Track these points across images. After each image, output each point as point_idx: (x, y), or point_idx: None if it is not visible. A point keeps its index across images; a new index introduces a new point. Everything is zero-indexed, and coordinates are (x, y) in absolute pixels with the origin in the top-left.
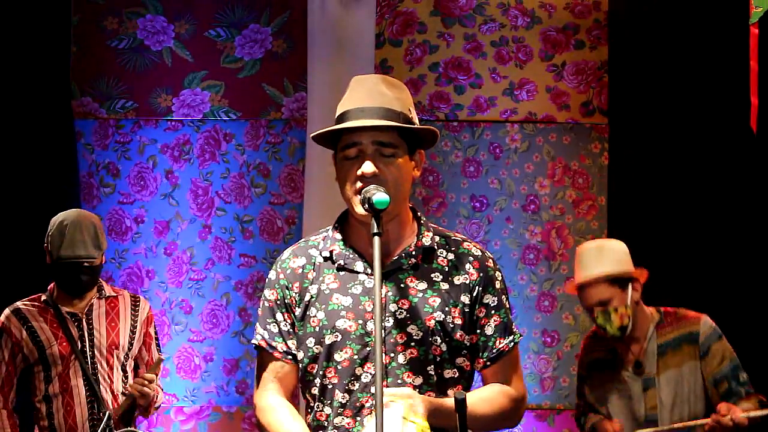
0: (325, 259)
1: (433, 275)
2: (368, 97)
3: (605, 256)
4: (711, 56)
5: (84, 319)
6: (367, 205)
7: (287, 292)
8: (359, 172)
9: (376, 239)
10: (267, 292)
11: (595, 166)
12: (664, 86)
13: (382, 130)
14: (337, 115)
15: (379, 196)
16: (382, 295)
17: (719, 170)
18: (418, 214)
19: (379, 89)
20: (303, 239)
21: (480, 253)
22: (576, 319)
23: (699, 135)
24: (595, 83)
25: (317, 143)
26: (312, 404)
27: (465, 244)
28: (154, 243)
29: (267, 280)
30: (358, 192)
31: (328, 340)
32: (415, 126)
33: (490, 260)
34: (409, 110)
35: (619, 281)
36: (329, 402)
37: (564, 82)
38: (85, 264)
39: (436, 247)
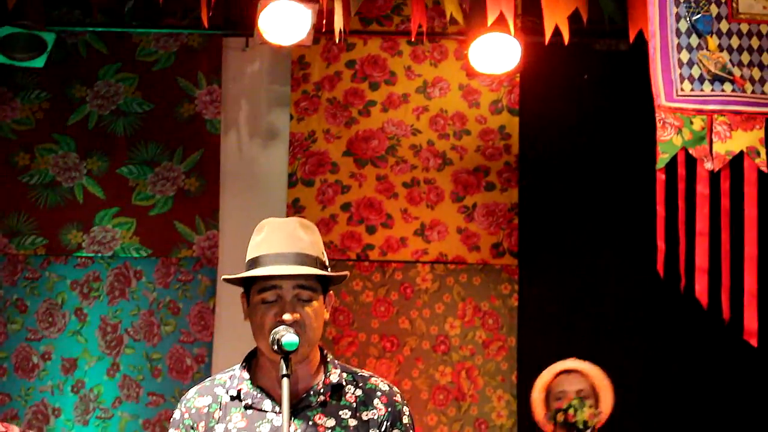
0: (232, 398)
1: (341, 412)
2: (286, 242)
3: None
4: (619, 200)
5: None
6: (276, 347)
7: None
8: (282, 319)
9: (285, 381)
10: None
11: (505, 308)
12: (573, 229)
13: (302, 277)
14: (251, 256)
15: (288, 338)
16: None
17: (629, 313)
18: (325, 352)
19: (297, 234)
20: (209, 378)
21: (387, 388)
22: None
23: (608, 278)
24: (505, 225)
25: (229, 283)
26: None
27: (372, 380)
28: (61, 380)
29: (171, 419)
30: None
31: None
32: (333, 273)
33: (398, 395)
34: (323, 253)
35: (592, 388)
36: None
37: (475, 223)
38: None
39: (344, 383)
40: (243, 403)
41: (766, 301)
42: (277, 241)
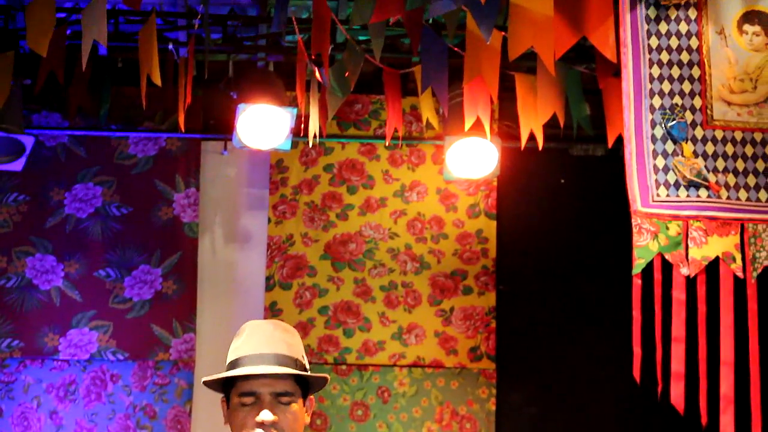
0: None
1: None
2: (265, 343)
3: None
4: (596, 305)
5: None
6: None
7: None
8: (258, 419)
9: None
10: None
11: (483, 411)
12: (551, 333)
13: (280, 377)
14: (230, 359)
15: None
16: None
17: (607, 419)
18: None
19: (275, 335)
20: None
21: None
22: None
23: (585, 383)
24: (482, 329)
25: (208, 387)
26: None
27: None
28: None
29: None
30: None
31: None
32: (312, 374)
33: None
34: (303, 356)
35: None
36: None
37: (452, 327)
38: None
39: None
40: None
41: (743, 407)
42: (257, 342)
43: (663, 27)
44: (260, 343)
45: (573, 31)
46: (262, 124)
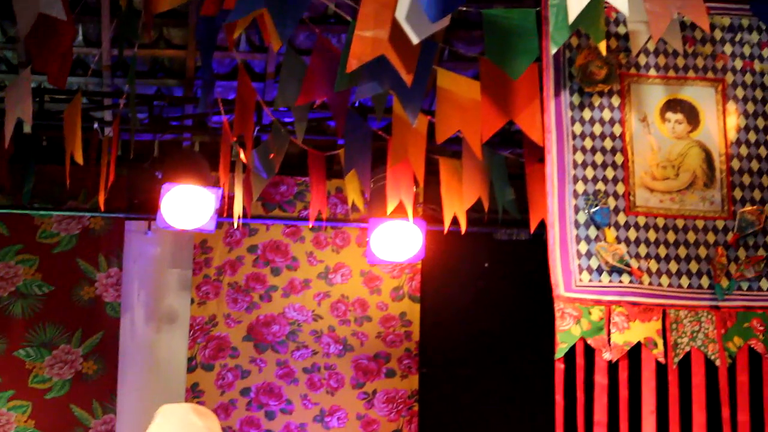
0: None
1: None
2: (178, 428)
3: None
4: (519, 389)
5: None
6: None
7: None
8: None
9: None
10: None
11: None
12: (473, 416)
13: None
14: None
15: None
16: None
17: None
18: None
19: (189, 419)
20: None
21: None
22: None
23: None
24: (405, 412)
25: None
26: None
27: None
28: None
29: None
30: None
31: None
32: None
33: None
34: None
35: None
36: None
37: (375, 410)
38: None
39: None
40: None
41: None
42: (168, 427)
43: (587, 114)
44: (172, 429)
45: (500, 115)
46: (187, 205)
